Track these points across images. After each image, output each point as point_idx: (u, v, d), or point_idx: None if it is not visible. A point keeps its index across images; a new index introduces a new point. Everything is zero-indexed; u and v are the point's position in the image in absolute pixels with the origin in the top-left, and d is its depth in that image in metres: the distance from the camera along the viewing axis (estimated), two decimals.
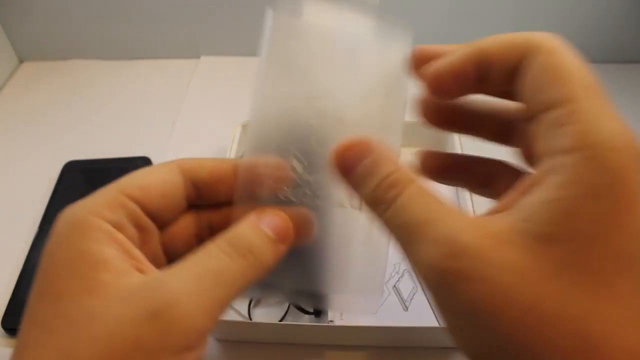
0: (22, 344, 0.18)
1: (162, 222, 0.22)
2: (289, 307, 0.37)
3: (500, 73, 0.20)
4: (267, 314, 0.37)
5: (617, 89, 0.56)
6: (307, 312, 0.36)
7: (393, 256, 0.39)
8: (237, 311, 0.37)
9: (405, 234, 0.18)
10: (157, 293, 0.18)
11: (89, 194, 0.26)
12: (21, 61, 0.63)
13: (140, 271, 0.19)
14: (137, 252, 0.20)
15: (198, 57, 0.62)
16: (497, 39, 0.20)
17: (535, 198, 0.16)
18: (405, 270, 0.38)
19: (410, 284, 0.37)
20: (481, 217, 0.18)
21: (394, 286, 0.37)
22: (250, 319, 0.37)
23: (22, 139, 0.53)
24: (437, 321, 0.35)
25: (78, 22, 0.59)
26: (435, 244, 0.17)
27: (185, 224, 0.23)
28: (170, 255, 0.23)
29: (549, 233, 0.15)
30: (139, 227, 0.21)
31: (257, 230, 0.21)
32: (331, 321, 0.34)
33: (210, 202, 0.23)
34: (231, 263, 0.19)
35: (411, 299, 0.37)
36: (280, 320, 0.36)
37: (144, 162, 0.48)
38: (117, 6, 0.58)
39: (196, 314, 0.18)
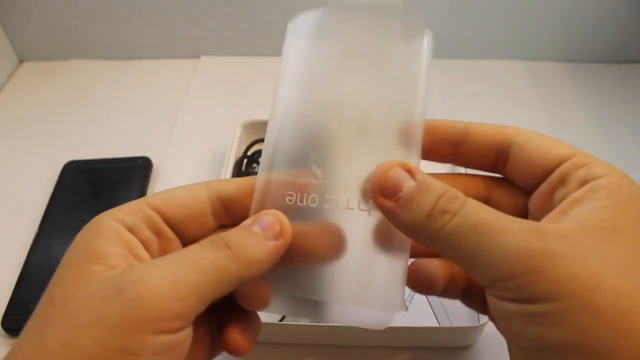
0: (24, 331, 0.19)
1: (185, 233, 0.22)
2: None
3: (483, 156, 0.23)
4: (267, 314, 0.37)
5: (617, 89, 0.56)
6: None
7: None
8: None
9: (480, 233, 0.19)
10: (126, 274, 0.18)
11: (89, 194, 0.26)
12: (21, 61, 0.63)
13: (133, 264, 0.20)
14: (145, 254, 0.20)
15: (198, 57, 0.62)
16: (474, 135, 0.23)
17: (584, 208, 0.19)
18: None
19: None
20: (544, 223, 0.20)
21: None
22: None
23: (22, 139, 0.53)
24: (437, 321, 0.35)
25: (78, 22, 0.59)
26: (520, 233, 0.18)
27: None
28: None
29: (612, 227, 0.18)
30: (158, 233, 0.22)
31: (241, 229, 0.21)
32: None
33: (239, 220, 0.22)
34: (205, 252, 0.20)
35: (411, 299, 0.37)
36: (280, 320, 0.36)
37: (144, 162, 0.48)
38: (117, 6, 0.58)
39: (163, 294, 0.18)
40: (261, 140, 0.45)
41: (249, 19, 0.59)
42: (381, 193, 0.20)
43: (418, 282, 0.24)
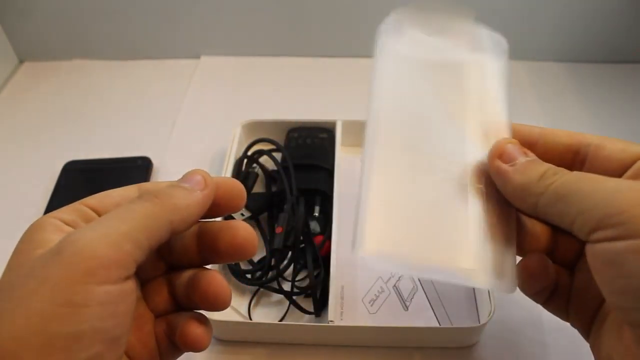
0: None
1: None
2: (289, 307, 0.37)
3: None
4: (267, 314, 0.37)
5: (617, 89, 0.56)
6: (307, 312, 0.36)
7: None
8: (237, 311, 0.37)
9: (588, 180, 0.21)
10: (63, 239, 0.20)
11: (89, 194, 0.27)
12: (21, 61, 0.63)
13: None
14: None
15: (198, 57, 0.62)
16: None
17: None
18: None
19: (410, 284, 0.37)
20: None
21: (394, 286, 0.37)
22: (251, 319, 0.37)
23: (22, 138, 0.53)
24: (438, 321, 0.35)
25: (78, 22, 0.59)
26: (625, 179, 0.22)
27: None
28: None
29: None
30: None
31: (169, 184, 0.23)
32: (331, 321, 0.34)
33: None
34: (134, 205, 0.21)
35: (411, 298, 0.37)
36: (280, 320, 0.36)
37: (144, 162, 0.48)
38: (117, 6, 0.58)
39: (99, 245, 0.19)
40: (261, 141, 0.45)
41: (249, 19, 0.59)
42: (499, 157, 0.24)
43: (533, 274, 0.26)
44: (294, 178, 0.41)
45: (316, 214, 0.41)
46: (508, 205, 0.25)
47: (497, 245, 0.24)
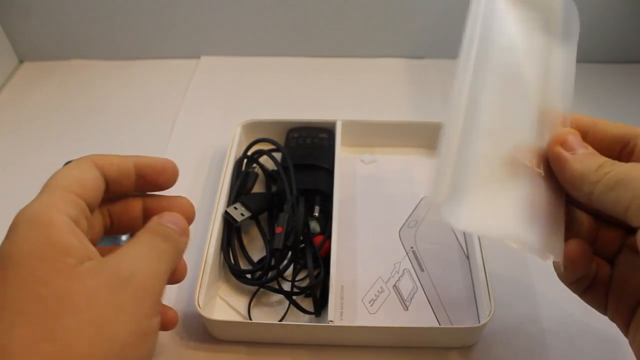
0: None
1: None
2: (289, 307, 0.37)
3: None
4: (267, 314, 0.37)
5: (617, 89, 0.56)
6: (307, 312, 0.36)
7: (393, 256, 0.39)
8: (237, 311, 0.37)
9: (638, 173, 0.22)
10: (121, 266, 0.22)
11: None
12: (21, 61, 0.63)
13: (90, 257, 0.22)
14: (89, 244, 0.23)
15: (198, 57, 0.62)
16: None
17: None
18: (405, 269, 0.38)
19: (410, 284, 0.37)
20: None
21: (394, 286, 0.37)
22: (250, 319, 0.37)
23: (22, 139, 0.53)
24: (438, 321, 0.35)
25: (78, 22, 0.59)
26: None
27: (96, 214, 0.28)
28: None
29: None
30: (87, 219, 0.25)
31: (164, 226, 0.26)
32: (331, 321, 0.34)
33: (112, 195, 0.28)
34: (162, 244, 0.24)
35: (411, 298, 0.37)
36: (280, 320, 0.36)
37: None
38: (117, 6, 0.58)
39: (153, 281, 0.22)
40: (261, 141, 0.45)
41: (249, 19, 0.59)
42: (561, 145, 0.25)
43: (574, 260, 0.26)
44: (294, 178, 0.41)
45: (316, 214, 0.41)
46: (560, 193, 0.26)
47: (551, 227, 0.26)
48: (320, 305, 0.36)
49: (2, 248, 0.21)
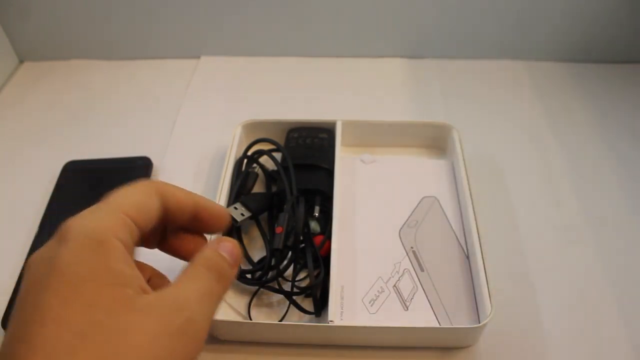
0: (48, 344, 0.19)
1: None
2: (289, 307, 0.37)
3: None
4: (267, 314, 0.37)
5: (617, 89, 0.56)
6: (307, 312, 0.36)
7: (393, 256, 0.39)
8: (237, 311, 0.37)
9: None
10: (179, 311, 0.22)
11: (89, 194, 0.27)
12: (21, 61, 0.63)
13: (144, 289, 0.22)
14: (139, 272, 0.23)
15: (198, 57, 0.62)
16: None
17: None
18: (405, 269, 0.38)
19: (410, 284, 0.37)
20: None
21: (394, 286, 0.37)
22: (251, 318, 0.37)
23: (22, 139, 0.53)
24: (438, 321, 0.35)
25: (78, 22, 0.59)
26: None
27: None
28: None
29: None
30: (135, 245, 0.24)
31: (222, 257, 0.26)
32: (331, 321, 0.34)
33: (163, 225, 0.27)
34: (217, 285, 0.24)
35: (411, 298, 0.37)
36: (280, 320, 0.36)
37: (144, 162, 0.48)
38: (117, 6, 0.58)
39: (205, 327, 0.23)
40: (261, 141, 0.45)
41: (249, 19, 0.59)
42: None
43: None
44: (294, 178, 0.41)
45: (316, 214, 0.41)
46: None
47: None
48: (321, 305, 0.36)
49: (53, 262, 0.21)
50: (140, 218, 0.24)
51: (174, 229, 0.28)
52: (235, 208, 0.40)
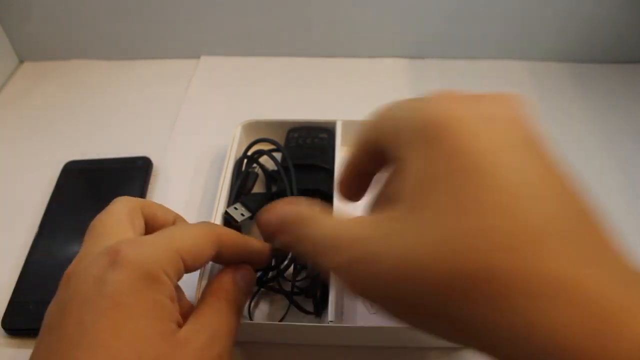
0: None
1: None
2: (289, 307, 0.37)
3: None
4: (267, 314, 0.37)
5: (617, 89, 0.56)
6: (307, 312, 0.36)
7: None
8: None
9: None
10: (211, 347, 0.23)
11: (89, 194, 0.27)
12: (21, 61, 0.63)
13: (179, 322, 0.23)
14: (177, 306, 0.24)
15: (198, 57, 0.62)
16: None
17: None
18: None
19: None
20: None
21: None
22: (251, 319, 0.37)
23: (22, 139, 0.53)
24: None
25: (78, 22, 0.59)
26: None
27: None
28: None
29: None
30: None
31: (239, 289, 0.27)
32: (331, 321, 0.33)
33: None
34: (236, 319, 0.26)
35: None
36: (280, 320, 0.36)
37: (144, 162, 0.48)
38: (117, 6, 0.58)
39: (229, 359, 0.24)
40: (261, 141, 0.45)
41: (249, 19, 0.59)
42: None
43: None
44: (294, 178, 0.41)
45: None
46: None
47: None
48: (321, 306, 0.36)
49: (106, 286, 0.21)
50: (191, 263, 0.25)
51: None
52: (236, 208, 0.40)
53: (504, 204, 0.18)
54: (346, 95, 0.56)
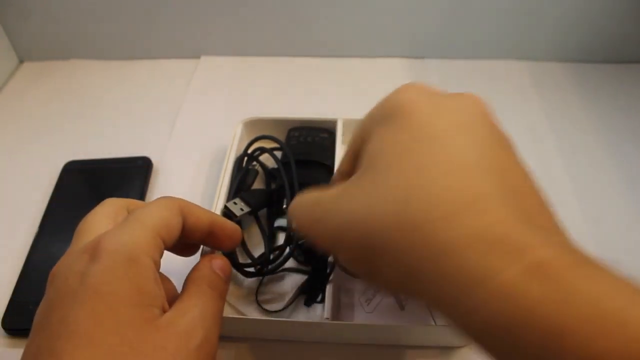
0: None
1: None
2: (288, 303, 0.37)
3: None
4: (264, 312, 0.37)
5: (617, 89, 0.56)
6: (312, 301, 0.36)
7: None
8: (234, 308, 0.37)
9: None
10: (196, 330, 0.23)
11: (89, 194, 0.27)
12: (21, 61, 0.63)
13: (164, 307, 0.23)
14: (163, 290, 0.24)
15: (198, 57, 0.62)
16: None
17: None
18: None
19: None
20: None
21: None
22: (260, 305, 0.37)
23: (22, 138, 0.53)
24: (434, 320, 0.35)
25: (78, 22, 0.59)
26: None
27: None
28: None
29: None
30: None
31: (218, 275, 0.27)
32: (327, 318, 0.33)
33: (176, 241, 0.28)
34: (219, 302, 0.26)
35: (407, 297, 0.37)
36: (283, 309, 0.36)
37: (144, 162, 0.48)
38: (117, 6, 0.58)
39: (217, 344, 0.24)
40: (262, 138, 0.45)
41: (249, 19, 0.59)
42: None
43: None
44: (295, 174, 0.41)
45: None
46: None
47: None
48: (314, 298, 0.36)
49: (86, 278, 0.22)
50: (167, 236, 0.25)
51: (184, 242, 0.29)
52: (235, 203, 0.40)
53: (448, 167, 0.20)
54: (346, 95, 0.56)
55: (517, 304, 0.16)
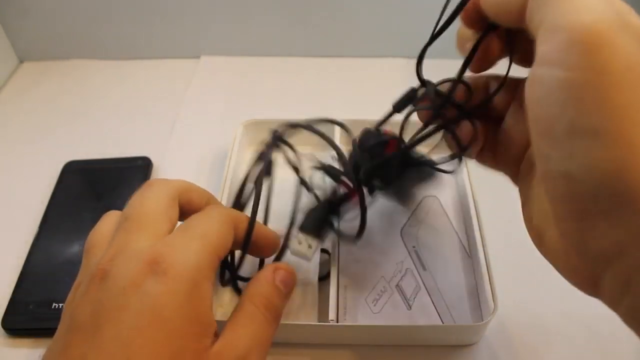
0: None
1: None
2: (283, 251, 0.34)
3: None
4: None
5: None
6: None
7: (396, 255, 0.39)
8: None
9: None
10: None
11: (89, 194, 0.27)
12: (21, 61, 0.62)
13: (216, 334, 0.23)
14: (213, 314, 0.23)
15: (198, 57, 0.62)
16: None
17: None
18: (407, 268, 0.38)
19: (413, 283, 0.37)
20: None
21: (397, 285, 0.37)
22: None
23: (22, 139, 0.53)
24: (440, 319, 0.35)
25: (78, 22, 0.59)
26: None
27: None
28: None
29: None
30: None
31: (277, 293, 0.26)
32: (332, 320, 0.33)
33: None
34: (271, 328, 0.25)
35: (414, 297, 0.36)
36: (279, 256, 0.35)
37: (144, 162, 0.48)
38: (117, 6, 0.58)
39: None
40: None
41: (249, 19, 0.59)
42: None
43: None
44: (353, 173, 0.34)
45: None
46: None
47: None
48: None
49: (149, 299, 0.21)
50: (222, 255, 0.24)
51: None
52: (300, 243, 0.32)
53: None
54: (346, 96, 0.56)
55: None
